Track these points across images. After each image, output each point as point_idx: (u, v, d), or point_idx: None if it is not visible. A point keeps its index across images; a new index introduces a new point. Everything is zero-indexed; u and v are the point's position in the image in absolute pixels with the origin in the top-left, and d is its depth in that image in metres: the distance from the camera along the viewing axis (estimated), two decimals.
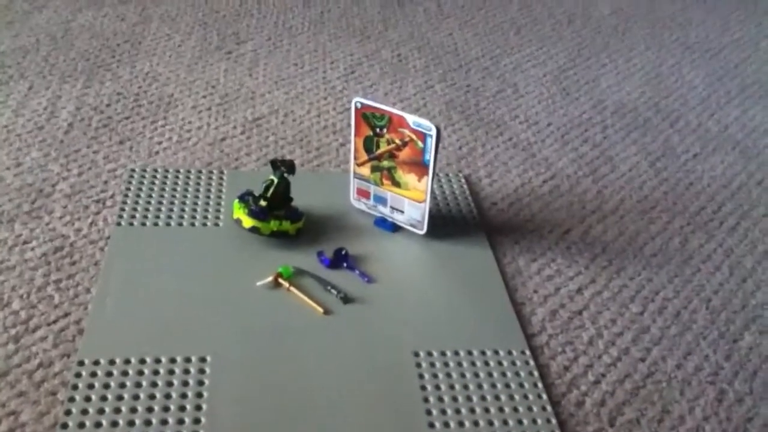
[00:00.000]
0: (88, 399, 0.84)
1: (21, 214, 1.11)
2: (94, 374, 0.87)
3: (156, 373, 0.88)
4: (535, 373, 0.94)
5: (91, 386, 0.85)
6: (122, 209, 1.13)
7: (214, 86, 1.51)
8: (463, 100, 1.56)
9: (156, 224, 1.11)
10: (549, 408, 0.90)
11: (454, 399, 0.90)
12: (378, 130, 1.08)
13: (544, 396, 0.92)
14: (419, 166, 1.07)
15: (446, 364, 0.94)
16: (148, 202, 1.15)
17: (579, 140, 1.47)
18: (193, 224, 1.12)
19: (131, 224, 1.11)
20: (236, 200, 1.10)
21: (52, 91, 1.44)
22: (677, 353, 1.01)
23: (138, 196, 1.17)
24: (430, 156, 1.05)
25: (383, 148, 1.09)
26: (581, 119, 1.54)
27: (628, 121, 1.56)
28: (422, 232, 1.13)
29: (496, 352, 0.97)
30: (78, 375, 0.87)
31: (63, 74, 1.50)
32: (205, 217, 1.14)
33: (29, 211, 1.12)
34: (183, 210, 1.15)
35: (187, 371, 0.89)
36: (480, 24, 1.93)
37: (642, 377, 0.97)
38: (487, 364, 0.95)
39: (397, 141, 1.07)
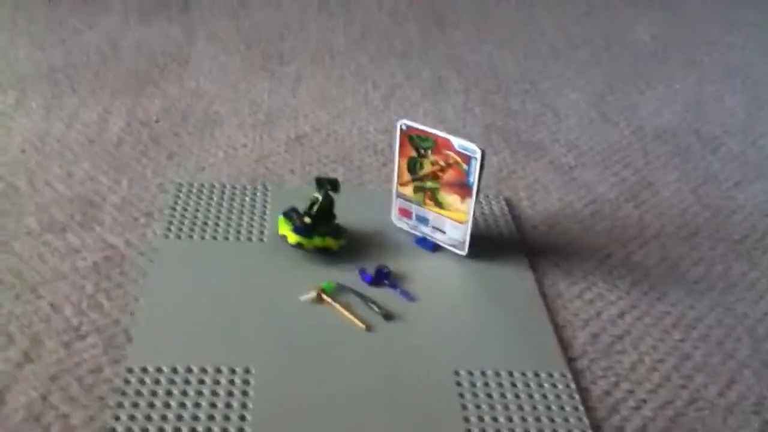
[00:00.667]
0: (135, 405, 0.86)
1: (73, 224, 1.15)
2: (142, 381, 0.89)
3: (201, 382, 0.90)
4: (576, 397, 0.94)
5: (139, 393, 0.87)
6: (170, 222, 1.16)
7: (258, 104, 1.55)
8: (503, 123, 1.57)
9: (202, 237, 1.14)
10: None
11: (495, 419, 0.90)
12: (422, 151, 1.10)
13: (585, 420, 0.91)
14: (462, 188, 1.08)
15: (486, 384, 0.94)
16: (195, 216, 1.18)
17: (619, 165, 1.47)
18: (238, 238, 1.14)
19: (179, 237, 1.13)
20: (281, 216, 1.12)
21: (103, 106, 1.48)
22: (720, 381, 1.00)
23: (185, 209, 1.19)
24: (474, 178, 1.06)
25: (427, 168, 1.11)
26: (621, 144, 1.54)
27: (669, 147, 1.56)
28: (464, 253, 1.14)
29: (537, 374, 0.97)
30: (127, 381, 0.89)
31: (113, 90, 1.54)
32: (250, 232, 1.16)
33: (81, 221, 1.15)
34: (228, 224, 1.17)
35: (232, 381, 0.90)
36: (518, 47, 1.94)
37: (684, 404, 0.96)
38: (527, 385, 0.95)
39: (442, 163, 1.08)
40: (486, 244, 1.19)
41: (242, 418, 0.86)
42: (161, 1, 2.02)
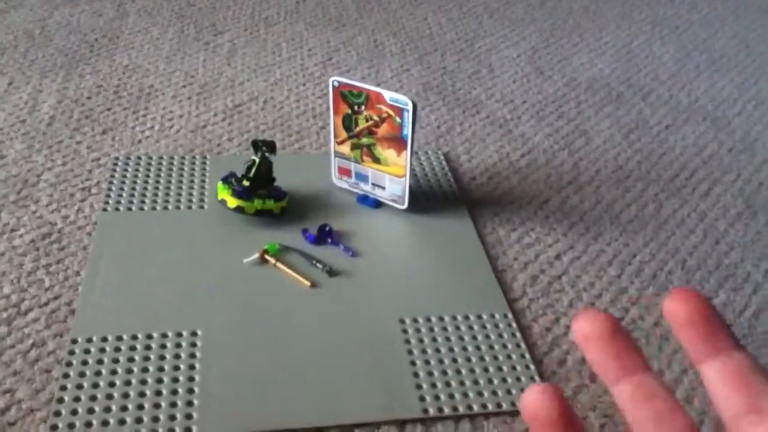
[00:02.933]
0: (82, 375, 0.86)
1: (7, 203, 1.13)
2: (87, 351, 0.89)
3: (148, 348, 0.90)
4: (518, 335, 0.97)
5: (84, 363, 0.87)
6: (108, 195, 1.15)
7: (193, 76, 1.53)
8: (440, 82, 1.59)
9: (142, 209, 1.13)
10: (532, 367, 0.93)
11: (441, 362, 0.93)
12: (356, 107, 1.11)
13: (527, 355, 0.95)
14: (398, 142, 1.10)
15: (431, 330, 0.97)
16: (133, 188, 1.17)
17: (554, 116, 1.50)
18: (178, 207, 1.14)
19: (117, 209, 1.12)
20: (220, 182, 1.12)
21: (33, 85, 1.45)
22: (654, 312, 1.04)
23: (123, 182, 1.18)
24: (408, 130, 1.07)
25: (362, 125, 1.12)
26: (555, 96, 1.58)
27: (601, 96, 1.60)
28: (404, 207, 1.16)
29: (480, 317, 1.00)
30: (71, 353, 0.88)
31: (43, 69, 1.51)
32: (190, 200, 1.16)
33: (15, 200, 1.13)
34: (168, 194, 1.16)
35: (179, 345, 0.91)
36: (453, 9, 1.96)
37: None
38: (471, 328, 0.98)
39: (375, 117, 1.09)
40: (427, 198, 1.21)
41: (191, 379, 0.87)
42: None
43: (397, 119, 1.07)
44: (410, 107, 1.05)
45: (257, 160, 1.10)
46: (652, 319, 1.03)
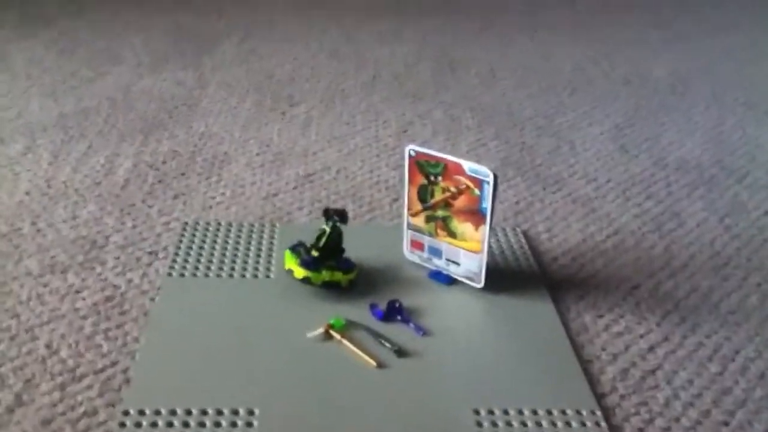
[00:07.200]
0: None
1: (74, 264, 1.11)
2: (138, 424, 0.83)
3: (202, 425, 0.84)
4: None
5: None
6: (174, 260, 1.12)
7: (267, 145, 1.52)
8: (518, 157, 1.53)
9: (207, 275, 1.09)
10: None
11: None
12: (433, 177, 1.05)
13: None
14: (476, 215, 1.03)
15: (509, 424, 0.87)
16: (200, 254, 1.14)
17: (642, 196, 1.41)
18: (243, 275, 1.10)
19: (182, 275, 1.09)
20: (288, 251, 1.07)
21: (111, 149, 1.47)
22: (764, 417, 0.92)
23: (190, 248, 1.15)
24: (487, 203, 1.01)
25: (438, 196, 1.06)
26: (643, 176, 1.49)
27: (693, 177, 1.50)
28: (480, 285, 1.08)
29: (564, 412, 0.89)
30: (122, 425, 0.83)
31: (122, 134, 1.53)
32: (256, 269, 1.11)
33: (82, 262, 1.12)
34: (234, 262, 1.12)
35: (234, 424, 0.84)
36: (533, 85, 1.92)
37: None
38: (554, 424, 0.88)
39: (453, 189, 1.04)
40: (504, 277, 1.13)
41: None
42: (175, 50, 2.03)
43: (476, 191, 1.01)
44: (491, 179, 0.98)
45: (327, 230, 1.05)
46: (761, 426, 0.90)
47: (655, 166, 1.53)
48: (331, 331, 0.98)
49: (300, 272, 1.03)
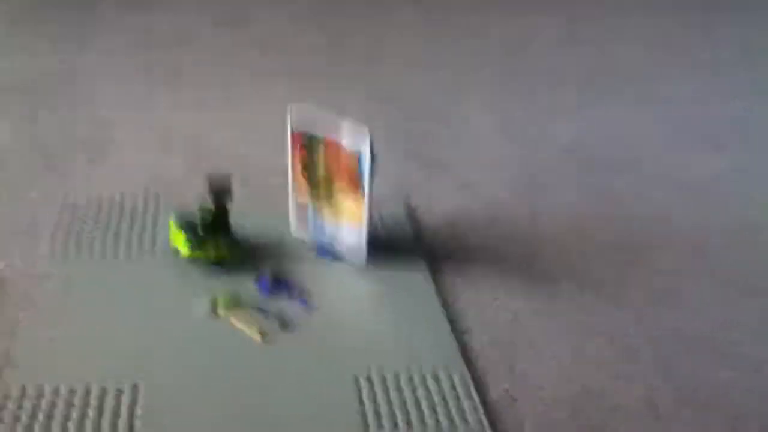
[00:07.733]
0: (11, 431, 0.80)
1: None
2: (20, 405, 0.83)
3: (86, 402, 0.85)
4: (474, 396, 0.94)
5: (17, 418, 0.82)
6: (55, 240, 1.11)
7: (155, 124, 1.50)
8: (414, 146, 1.59)
9: (91, 255, 1.09)
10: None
11: (395, 425, 0.89)
12: (315, 156, 1.09)
13: (485, 421, 0.91)
14: (356, 192, 1.08)
15: (386, 388, 0.93)
16: (82, 233, 1.13)
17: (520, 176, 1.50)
18: (129, 255, 1.10)
19: (65, 256, 1.08)
20: (174, 229, 1.08)
21: None
22: (622, 384, 1.02)
23: (72, 228, 1.14)
24: (365, 169, 1.04)
25: (321, 168, 1.10)
26: (521, 159, 1.58)
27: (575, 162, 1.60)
28: (362, 259, 1.13)
29: (436, 378, 0.96)
30: (2, 406, 0.83)
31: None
32: (142, 248, 1.12)
33: None
34: (118, 241, 1.12)
35: (118, 400, 0.86)
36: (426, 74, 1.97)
37: (579, 395, 0.97)
38: (427, 389, 0.95)
39: (334, 161, 1.07)
40: (387, 252, 1.19)
41: None
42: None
43: (356, 162, 1.05)
44: (367, 144, 1.02)
45: (213, 209, 1.07)
46: (620, 395, 1.01)
47: (540, 150, 1.63)
48: (218, 307, 1.01)
49: (186, 250, 1.05)
